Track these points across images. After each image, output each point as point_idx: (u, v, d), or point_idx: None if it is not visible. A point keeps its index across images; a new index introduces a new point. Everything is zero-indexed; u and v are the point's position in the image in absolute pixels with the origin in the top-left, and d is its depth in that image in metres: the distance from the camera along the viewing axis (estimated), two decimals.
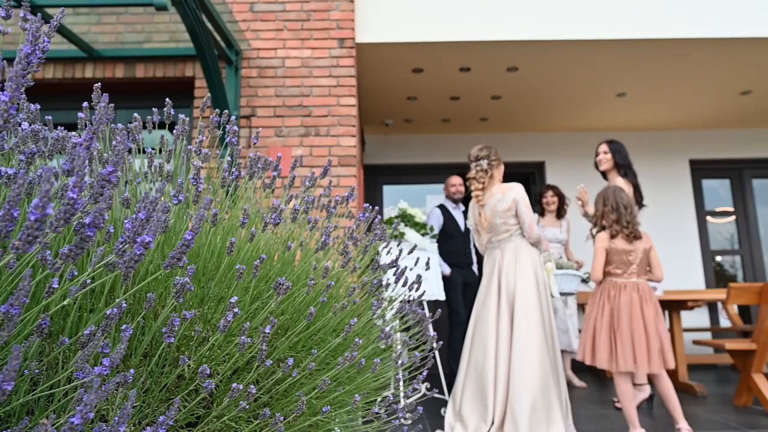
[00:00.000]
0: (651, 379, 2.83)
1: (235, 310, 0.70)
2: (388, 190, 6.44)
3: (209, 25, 3.56)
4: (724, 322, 5.93)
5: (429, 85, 5.02)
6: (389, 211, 4.29)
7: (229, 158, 1.09)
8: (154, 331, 0.72)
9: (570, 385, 4.78)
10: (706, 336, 5.71)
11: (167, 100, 1.03)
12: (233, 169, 1.07)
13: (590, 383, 4.79)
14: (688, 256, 6.08)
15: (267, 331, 0.74)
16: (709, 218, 6.42)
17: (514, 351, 2.71)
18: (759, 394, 3.45)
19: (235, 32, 3.96)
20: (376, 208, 1.48)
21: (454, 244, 4.45)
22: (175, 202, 0.78)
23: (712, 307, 6.06)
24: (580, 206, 3.77)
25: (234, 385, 0.68)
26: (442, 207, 4.69)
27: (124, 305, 0.60)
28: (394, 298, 1.40)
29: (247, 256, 1.00)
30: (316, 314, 0.93)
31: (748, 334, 5.08)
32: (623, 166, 3.63)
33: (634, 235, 2.76)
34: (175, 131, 1.01)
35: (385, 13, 4.28)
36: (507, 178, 3.17)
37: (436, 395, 4.00)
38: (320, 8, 4.20)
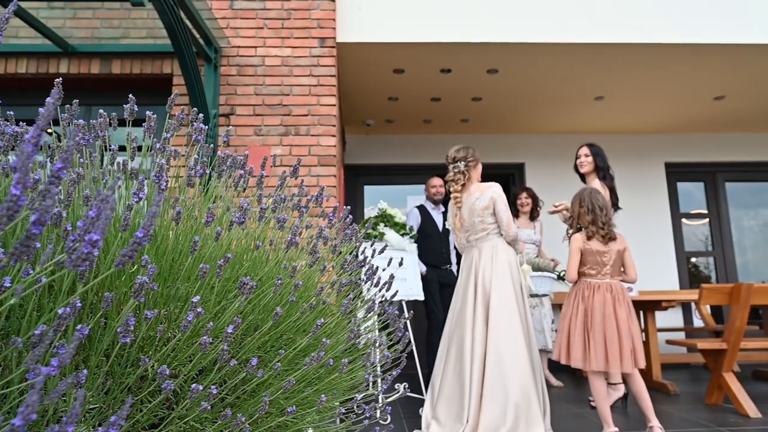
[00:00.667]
0: (624, 378, 2.87)
1: (199, 309, 0.69)
2: (369, 190, 6.44)
3: (187, 22, 3.51)
4: (698, 322, 6.05)
5: (410, 85, 5.03)
6: (369, 212, 4.29)
7: (196, 156, 1.08)
8: (114, 332, 0.71)
9: (547, 384, 4.83)
10: (680, 336, 5.82)
11: (130, 96, 1.02)
12: (198, 167, 1.06)
13: (567, 383, 4.85)
14: (663, 258, 6.19)
15: (230, 331, 0.73)
16: (684, 220, 6.55)
17: (490, 350, 2.73)
18: (729, 392, 3.52)
19: (214, 29, 3.91)
20: (348, 207, 1.47)
21: (432, 244, 4.47)
22: (135, 200, 0.76)
23: (686, 307, 6.18)
24: (561, 215, 3.80)
25: (194, 385, 0.67)
26: (421, 207, 4.71)
27: (79, 304, 0.59)
28: (366, 298, 1.39)
29: (214, 255, 0.98)
30: (285, 314, 0.93)
31: (720, 334, 5.19)
32: (603, 169, 3.69)
33: (609, 237, 2.80)
34: (144, 128, 0.99)
35: (366, 13, 4.28)
36: (487, 179, 3.19)
37: (410, 394, 4.01)
38: (301, 7, 4.18)
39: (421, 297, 4.05)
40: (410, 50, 4.36)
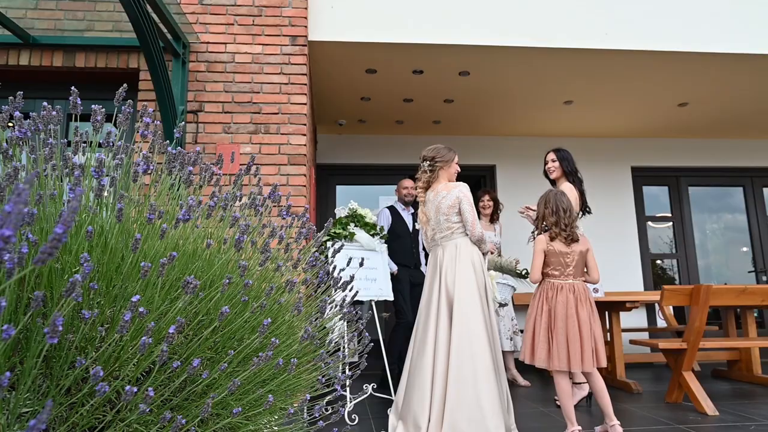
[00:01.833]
0: (585, 377, 2.92)
1: (141, 309, 0.67)
2: (341, 190, 6.42)
3: (154, 16, 3.44)
4: (661, 323, 6.20)
5: (382, 86, 5.03)
6: (340, 211, 4.27)
7: (146, 152, 1.05)
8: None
9: (514, 383, 4.89)
10: (644, 336, 5.96)
11: (72, 88, 0.98)
12: (142, 163, 1.03)
13: (535, 382, 4.91)
14: (628, 259, 6.34)
15: (171, 331, 0.71)
16: (650, 223, 6.72)
17: (453, 349, 2.74)
18: (689, 390, 3.62)
19: (182, 24, 3.84)
20: (306, 207, 1.46)
21: (403, 244, 4.48)
22: (71, 196, 0.74)
23: (650, 308, 6.34)
24: (529, 217, 3.84)
25: (127, 387, 0.65)
26: (391, 208, 4.73)
27: (4, 304, 0.56)
28: (319, 298, 1.38)
29: (159, 254, 0.96)
30: (233, 314, 0.91)
31: (681, 334, 5.33)
32: (571, 173, 3.75)
33: (571, 238, 2.85)
34: (91, 122, 0.96)
35: (338, 12, 4.26)
36: (459, 180, 3.21)
37: (376, 394, 4.00)
38: (272, 4, 4.13)
39: (390, 297, 4.05)
40: (382, 50, 4.36)
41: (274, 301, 1.05)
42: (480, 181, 6.54)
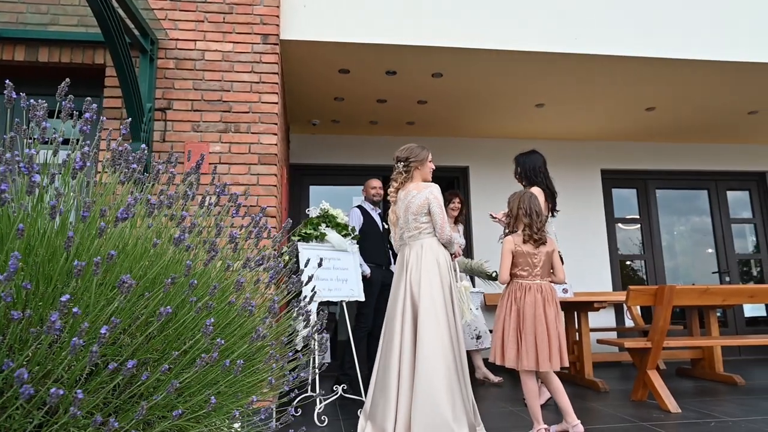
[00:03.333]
0: (542, 378, 2.94)
1: (75, 310, 0.65)
2: (314, 190, 6.38)
3: (120, 11, 3.36)
4: (629, 323, 6.33)
5: (356, 86, 5.02)
6: (312, 212, 4.25)
7: (86, 149, 1.01)
8: None
9: (486, 381, 4.93)
10: (613, 335, 6.07)
11: (8, 82, 0.95)
12: (78, 160, 1.00)
13: (506, 380, 4.95)
14: (598, 260, 6.45)
15: (103, 332, 0.69)
16: (620, 225, 6.85)
17: (418, 350, 2.74)
18: (653, 389, 3.69)
19: (150, 20, 3.77)
20: (264, 207, 1.44)
21: (373, 243, 4.46)
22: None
23: (618, 308, 6.46)
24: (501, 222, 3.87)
25: (52, 390, 0.63)
26: (360, 207, 4.73)
27: None
28: (272, 299, 1.36)
29: (100, 253, 0.93)
30: (174, 315, 0.89)
31: (648, 334, 5.45)
32: (531, 176, 3.80)
33: (541, 241, 2.89)
34: (30, 117, 0.93)
35: (310, 11, 4.23)
36: (433, 181, 3.21)
37: (347, 395, 3.99)
38: (244, 2, 4.08)
39: (361, 298, 4.04)
40: (355, 51, 4.35)
41: (221, 301, 1.03)
42: (453, 182, 6.58)
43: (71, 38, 3.88)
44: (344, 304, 4.01)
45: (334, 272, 3.94)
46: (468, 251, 6.07)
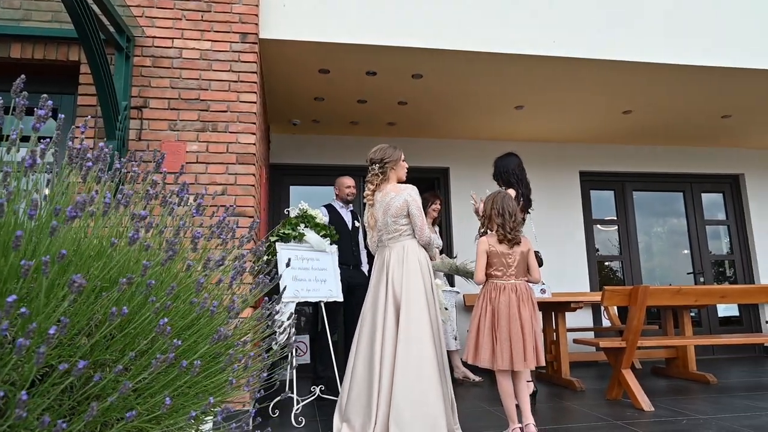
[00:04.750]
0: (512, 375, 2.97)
1: (23, 310, 0.63)
2: (295, 190, 6.35)
3: (95, 7, 3.31)
4: (606, 323, 6.42)
5: (336, 86, 5.01)
6: (291, 212, 4.23)
7: (42, 147, 1.00)
8: None
9: (466, 381, 4.95)
10: (590, 335, 6.15)
11: None
12: (28, 158, 0.98)
13: (486, 379, 4.97)
14: (576, 261, 6.52)
15: (51, 332, 0.68)
16: (598, 226, 6.94)
17: (399, 352, 2.75)
18: (627, 387, 3.75)
19: (126, 17, 3.72)
20: (232, 207, 1.43)
21: (342, 243, 4.41)
22: None
23: (596, 308, 6.54)
24: (473, 205, 3.98)
25: None
26: (328, 206, 4.71)
27: None
28: (233, 299, 1.35)
29: (52, 251, 0.92)
30: (132, 315, 0.88)
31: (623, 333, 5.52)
32: (505, 177, 3.96)
33: (515, 241, 2.91)
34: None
35: (290, 11, 4.22)
36: (413, 182, 3.22)
37: (325, 396, 3.98)
38: (222, 0, 4.05)
39: (340, 298, 4.03)
40: (335, 51, 4.34)
41: (183, 301, 1.02)
42: (434, 183, 6.60)
43: (45, 34, 3.81)
44: (322, 304, 4.00)
45: (313, 272, 3.93)
46: (448, 251, 6.10)
